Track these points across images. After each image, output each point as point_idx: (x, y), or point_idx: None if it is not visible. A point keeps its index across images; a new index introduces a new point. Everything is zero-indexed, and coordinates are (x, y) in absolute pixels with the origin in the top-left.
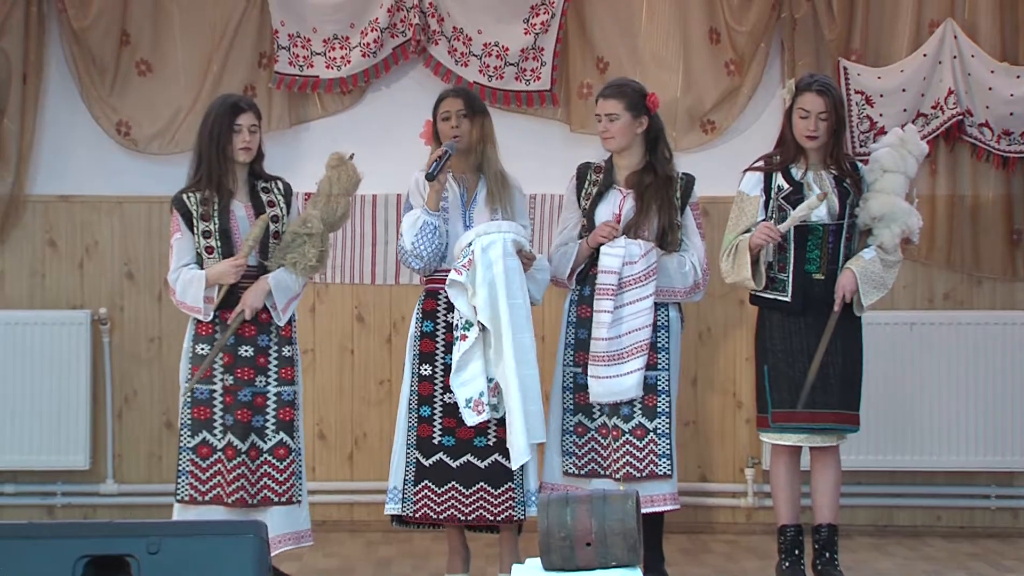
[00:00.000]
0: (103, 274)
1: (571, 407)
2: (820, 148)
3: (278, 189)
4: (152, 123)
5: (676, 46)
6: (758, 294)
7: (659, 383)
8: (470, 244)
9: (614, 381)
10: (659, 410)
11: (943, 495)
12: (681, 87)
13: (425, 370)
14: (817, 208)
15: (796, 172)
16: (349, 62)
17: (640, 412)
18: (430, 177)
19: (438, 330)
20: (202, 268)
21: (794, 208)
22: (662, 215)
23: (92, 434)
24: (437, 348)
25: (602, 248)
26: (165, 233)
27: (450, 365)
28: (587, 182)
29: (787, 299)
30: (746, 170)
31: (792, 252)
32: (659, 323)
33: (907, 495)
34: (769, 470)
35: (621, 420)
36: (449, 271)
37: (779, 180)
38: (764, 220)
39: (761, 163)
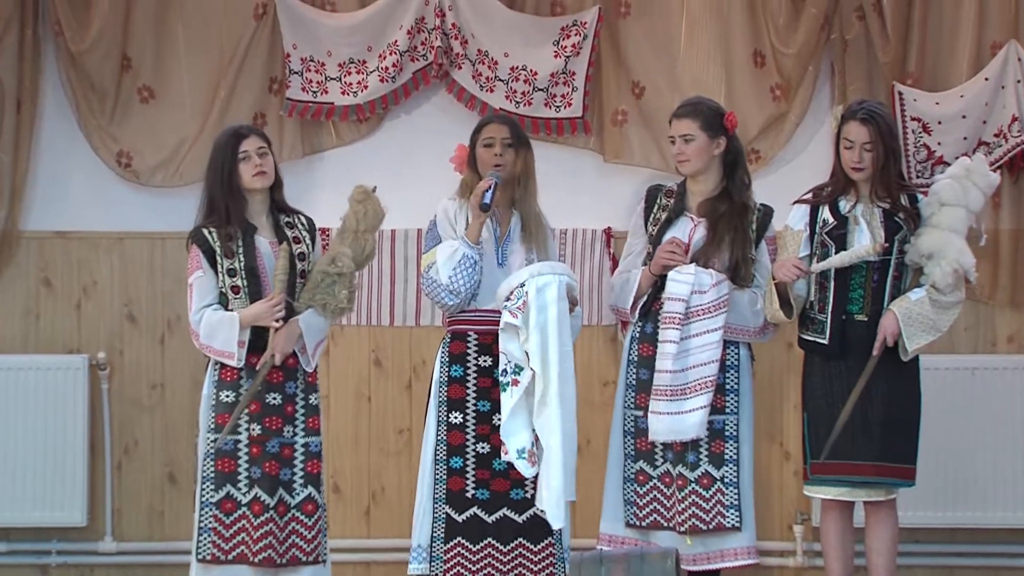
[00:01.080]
0: (102, 315)
1: (632, 453)
2: (869, 180)
3: (302, 224)
4: (155, 153)
5: (718, 69)
6: (801, 336)
7: (727, 428)
8: (523, 285)
9: (676, 418)
10: (727, 457)
11: (1007, 554)
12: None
13: (455, 418)
14: (869, 257)
15: (844, 205)
16: (366, 87)
17: (707, 460)
18: (484, 208)
19: (468, 374)
20: (226, 309)
21: (835, 244)
22: (735, 247)
23: (89, 488)
24: (468, 394)
25: (670, 274)
26: (169, 271)
27: (483, 412)
28: (656, 206)
29: (824, 341)
30: (795, 202)
31: (832, 291)
32: (728, 362)
33: (969, 554)
34: (819, 527)
35: (686, 468)
36: (475, 311)
37: (825, 213)
38: (807, 255)
39: (810, 195)
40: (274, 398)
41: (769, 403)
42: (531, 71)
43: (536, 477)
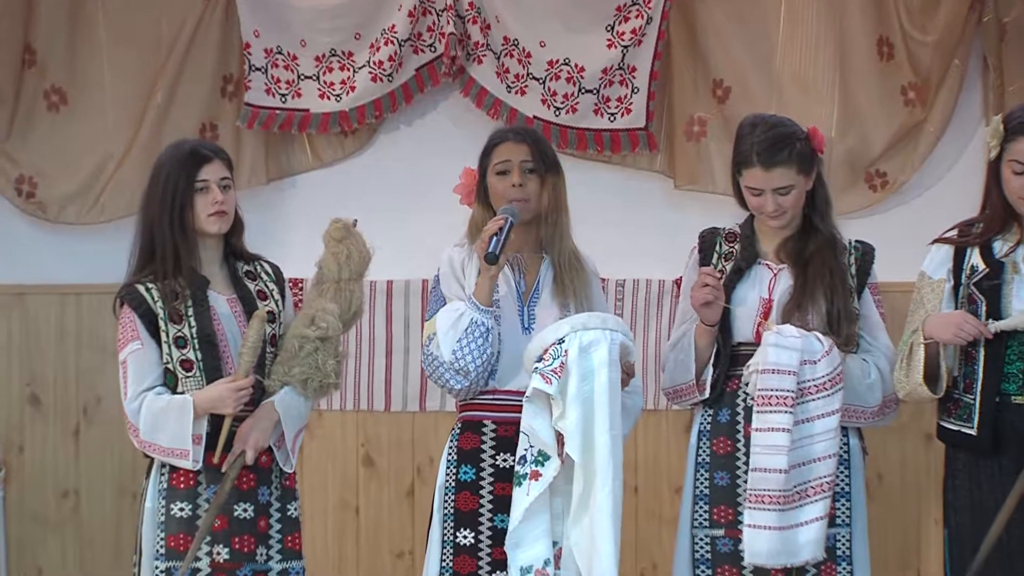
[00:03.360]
0: None
1: None
2: None
3: (267, 274)
4: (67, 180)
5: (829, 63)
6: (941, 424)
7: (839, 545)
8: (561, 341)
9: (786, 535)
10: None
11: None
12: (837, 123)
13: (465, 538)
14: None
15: (1000, 247)
16: (353, 89)
17: None
18: (491, 259)
19: (483, 478)
20: (174, 391)
21: (985, 298)
22: (835, 298)
23: None
24: (482, 505)
25: (767, 340)
26: (86, 338)
27: (501, 530)
28: (716, 256)
29: (972, 431)
30: (934, 242)
31: (981, 363)
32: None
33: None
34: None
35: None
36: (493, 393)
37: (974, 258)
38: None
39: (954, 233)
40: (244, 510)
41: (901, 516)
42: (576, 66)
43: None
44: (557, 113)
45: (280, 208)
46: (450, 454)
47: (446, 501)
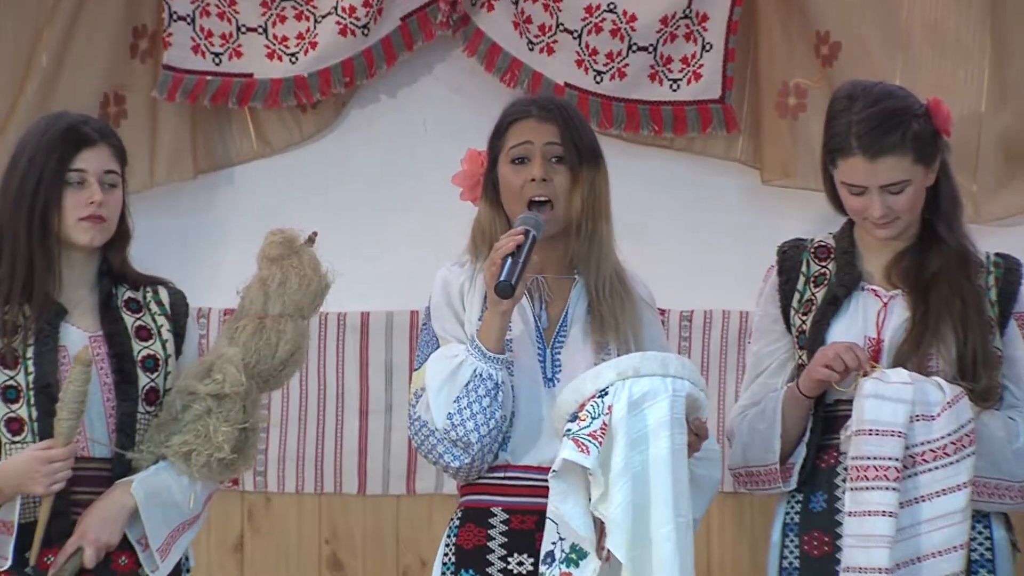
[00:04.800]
0: None
1: None
2: None
3: (159, 305)
4: None
5: (978, 9)
6: None
7: None
8: (604, 393)
9: None
10: None
11: None
12: (988, 94)
13: None
14: None
15: None
16: (314, 46)
17: None
18: (504, 291)
19: None
20: None
21: None
22: (968, 335)
23: None
24: None
25: (863, 389)
26: None
27: None
28: (802, 279)
29: None
30: None
31: None
32: (974, 549)
33: None
34: None
35: None
36: (506, 469)
37: None
38: None
39: None
40: None
41: None
42: (625, 14)
43: None
44: (598, 79)
45: (211, 212)
46: (447, 555)
47: None
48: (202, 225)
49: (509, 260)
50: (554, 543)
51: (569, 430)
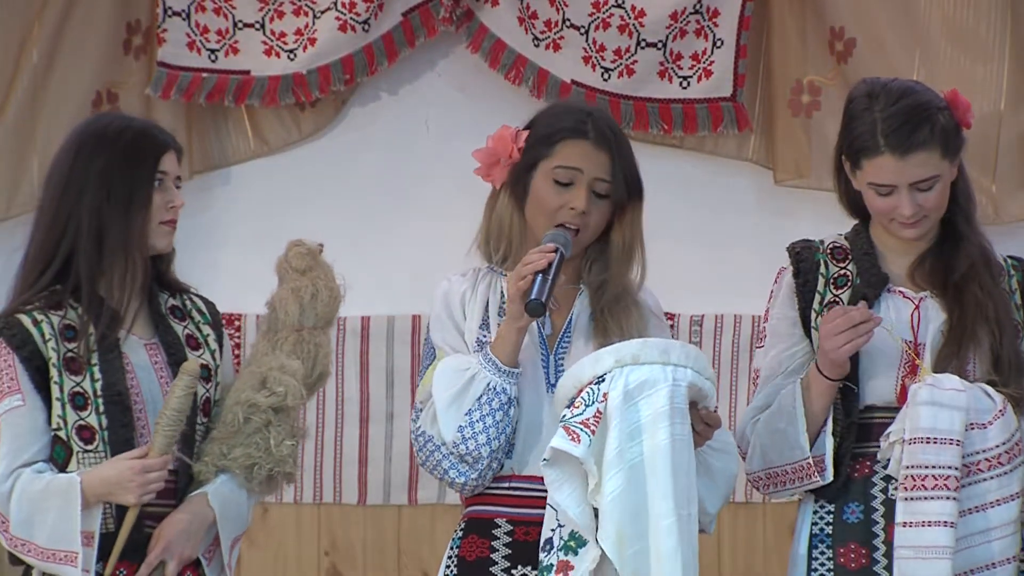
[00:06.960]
0: None
1: None
2: None
3: (200, 312)
4: None
5: (996, 9)
6: None
7: None
8: (601, 380)
9: None
10: None
11: None
12: (1008, 92)
13: None
14: None
15: None
16: (313, 42)
17: None
18: (535, 309)
19: None
20: (64, 469)
21: None
22: (1003, 338)
23: None
24: None
25: (918, 396)
26: None
27: None
28: (821, 279)
29: None
30: None
31: None
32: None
33: None
34: None
35: None
36: (510, 479)
37: None
38: None
39: None
40: None
41: None
42: (633, 9)
43: None
44: (606, 76)
45: (207, 214)
46: (449, 567)
47: None
48: (198, 227)
49: (540, 277)
50: (553, 530)
51: (564, 418)
